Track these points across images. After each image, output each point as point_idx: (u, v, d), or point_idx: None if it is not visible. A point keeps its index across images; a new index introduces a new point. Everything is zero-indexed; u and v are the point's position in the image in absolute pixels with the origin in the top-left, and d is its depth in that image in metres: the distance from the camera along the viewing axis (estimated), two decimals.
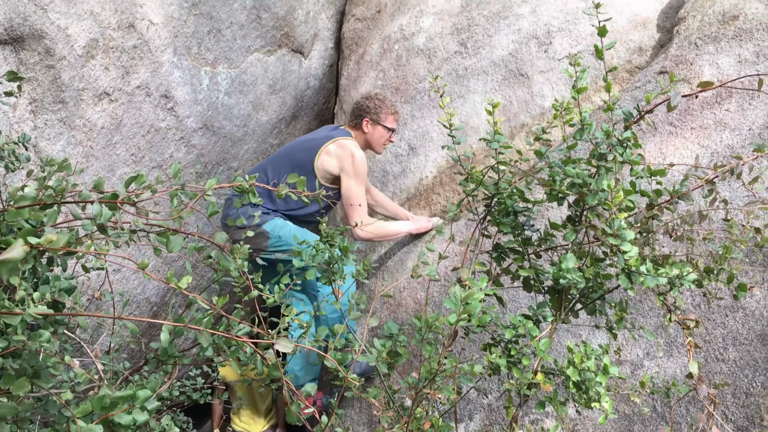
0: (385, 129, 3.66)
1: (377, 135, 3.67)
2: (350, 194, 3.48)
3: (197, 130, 3.96)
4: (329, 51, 5.22)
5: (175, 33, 3.68)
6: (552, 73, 3.73)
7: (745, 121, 2.74)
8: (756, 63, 2.84)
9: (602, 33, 2.13)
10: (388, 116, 3.67)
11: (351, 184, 3.48)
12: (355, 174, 3.48)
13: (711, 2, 3.18)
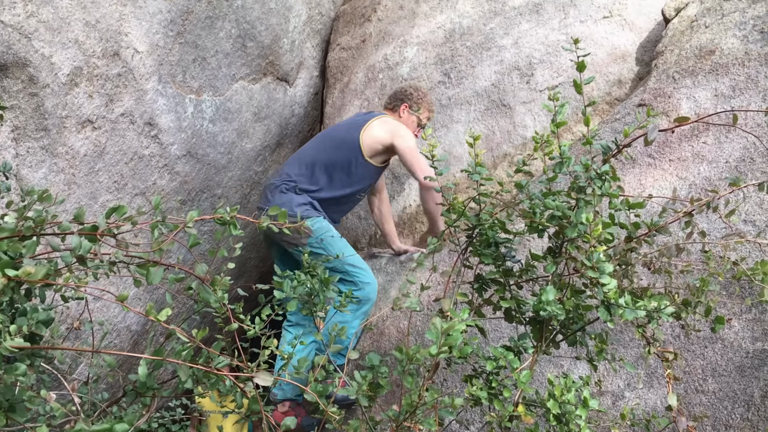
0: (418, 120, 3.73)
1: (410, 123, 3.72)
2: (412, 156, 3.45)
3: (181, 158, 3.96)
4: (314, 79, 5.26)
5: (160, 61, 3.70)
6: (534, 103, 3.78)
7: (722, 153, 2.78)
8: (732, 97, 2.90)
9: (581, 68, 2.17)
10: (426, 111, 3.74)
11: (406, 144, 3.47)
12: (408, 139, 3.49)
13: (688, 37, 3.25)
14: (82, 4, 3.15)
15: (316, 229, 3.43)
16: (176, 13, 3.74)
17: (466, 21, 4.37)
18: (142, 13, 3.54)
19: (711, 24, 3.19)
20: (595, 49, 3.72)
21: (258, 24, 4.39)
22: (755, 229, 2.52)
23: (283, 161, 5.07)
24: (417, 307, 2.04)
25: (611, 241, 2.05)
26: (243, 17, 4.24)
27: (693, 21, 3.29)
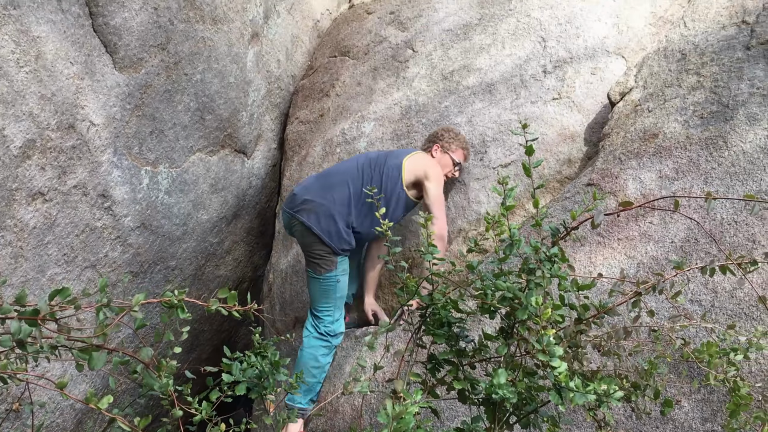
0: (451, 159, 3.79)
1: (443, 163, 3.79)
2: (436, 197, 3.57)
3: (134, 230, 3.91)
4: (272, 151, 5.30)
5: (117, 133, 3.69)
6: (487, 180, 3.86)
7: (667, 234, 2.87)
8: (676, 179, 3.01)
9: (529, 152, 2.23)
10: (458, 149, 3.82)
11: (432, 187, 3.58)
12: (436, 178, 3.59)
13: (633, 120, 3.39)
14: (39, 78, 3.15)
15: (341, 268, 3.58)
16: (134, 87, 3.76)
17: (421, 98, 4.49)
18: (99, 87, 3.55)
19: (654, 109, 3.34)
20: (546, 129, 3.84)
21: (217, 97, 4.44)
22: (701, 309, 2.57)
23: (240, 232, 5.05)
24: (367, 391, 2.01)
25: (562, 322, 2.07)
26: (202, 91, 4.28)
27: (637, 105, 3.44)
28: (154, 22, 3.79)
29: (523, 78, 4.17)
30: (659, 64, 3.52)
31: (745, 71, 3.12)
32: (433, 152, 3.81)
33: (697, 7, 3.64)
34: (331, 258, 3.54)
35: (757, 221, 2.67)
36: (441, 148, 3.80)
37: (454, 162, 3.79)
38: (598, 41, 4.08)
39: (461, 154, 3.83)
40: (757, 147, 2.87)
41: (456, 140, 3.80)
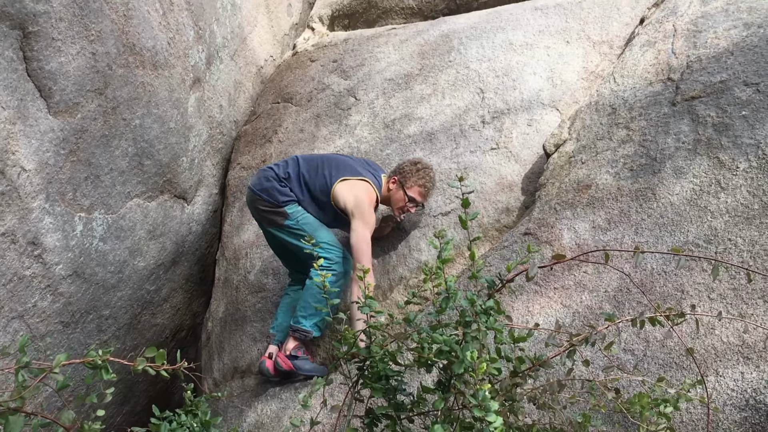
0: (405, 195, 3.68)
1: (396, 197, 3.72)
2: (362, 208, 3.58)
3: (66, 278, 3.78)
4: (213, 197, 5.24)
5: (49, 179, 3.59)
6: (428, 228, 3.89)
7: (601, 283, 2.93)
8: (608, 229, 3.10)
9: (465, 204, 2.27)
10: (415, 186, 3.69)
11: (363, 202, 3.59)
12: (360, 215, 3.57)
13: (567, 171, 3.49)
14: None
15: (291, 213, 3.66)
16: (70, 132, 3.68)
17: (363, 146, 4.52)
18: (32, 132, 3.46)
19: (587, 160, 3.44)
20: (485, 178, 3.91)
21: (156, 143, 4.38)
22: (634, 359, 2.62)
23: (179, 279, 4.94)
24: None
25: (499, 374, 2.08)
26: (141, 136, 4.22)
27: (571, 157, 3.54)
28: (92, 67, 3.74)
29: (462, 128, 4.25)
30: (591, 118, 3.64)
31: (671, 126, 3.26)
32: (390, 184, 3.77)
33: (626, 63, 3.80)
34: (278, 210, 3.69)
35: (685, 272, 2.76)
36: (397, 182, 3.74)
37: (411, 200, 3.70)
38: (533, 94, 4.21)
39: (416, 191, 3.70)
40: (684, 199, 2.98)
41: (415, 176, 3.69)
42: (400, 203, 3.71)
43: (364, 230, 3.55)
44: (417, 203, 3.72)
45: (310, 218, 3.71)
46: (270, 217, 3.73)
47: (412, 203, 3.70)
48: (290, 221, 3.68)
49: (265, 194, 3.72)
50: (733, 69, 3.28)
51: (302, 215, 3.70)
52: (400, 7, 6.26)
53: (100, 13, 3.72)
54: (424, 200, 3.75)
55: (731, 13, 3.59)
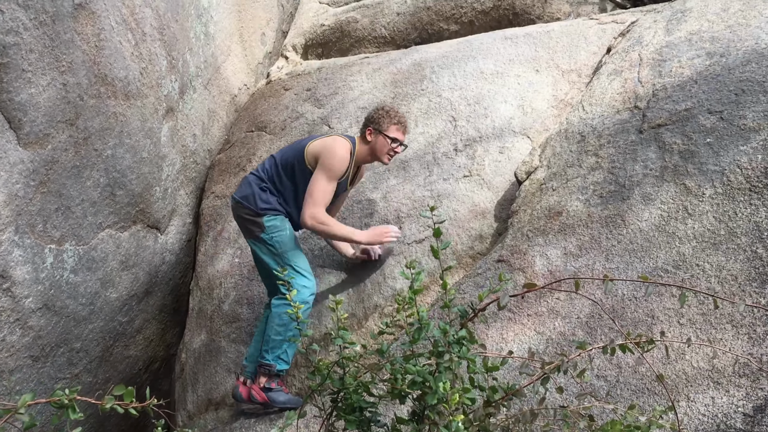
0: (386, 138, 3.68)
1: (379, 144, 3.70)
2: (314, 186, 3.60)
3: (36, 311, 3.72)
4: (187, 226, 5.21)
5: (19, 211, 3.55)
6: (402, 256, 3.90)
7: (573, 309, 2.96)
8: (579, 255, 3.13)
9: (437, 234, 2.28)
10: (391, 126, 3.70)
11: (318, 177, 3.59)
12: (326, 168, 3.58)
13: (538, 198, 3.53)
14: None
15: (268, 226, 3.65)
16: (39, 163, 3.65)
17: None
18: (1, 164, 3.42)
19: (557, 187, 3.49)
20: (458, 206, 3.94)
21: (129, 173, 4.35)
22: (607, 385, 2.64)
23: (152, 310, 4.89)
24: None
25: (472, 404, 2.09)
26: (113, 166, 4.19)
27: (542, 184, 3.59)
28: (63, 98, 3.72)
29: (435, 155, 4.29)
30: (561, 145, 3.70)
31: (639, 153, 3.32)
32: (368, 137, 3.75)
33: (594, 91, 3.88)
34: (256, 219, 3.67)
35: (655, 297, 2.80)
36: (373, 130, 3.73)
37: (390, 138, 3.71)
38: (505, 122, 4.27)
39: (395, 130, 3.72)
40: (653, 225, 3.03)
41: (387, 117, 3.73)
42: (385, 148, 3.73)
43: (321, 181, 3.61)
44: (400, 141, 3.76)
45: (285, 237, 3.69)
46: (249, 226, 3.72)
47: (396, 143, 3.74)
48: (265, 235, 3.67)
49: (245, 201, 3.72)
50: (698, 97, 3.36)
51: (278, 232, 3.68)
52: (372, 36, 6.33)
53: (71, 44, 3.72)
54: (404, 136, 3.80)
55: (694, 43, 3.69)
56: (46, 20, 3.52)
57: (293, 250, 3.69)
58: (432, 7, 6.10)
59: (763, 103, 3.13)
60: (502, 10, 5.79)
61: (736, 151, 3.04)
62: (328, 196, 3.63)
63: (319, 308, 3.95)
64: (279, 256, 3.65)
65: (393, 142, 3.71)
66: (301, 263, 3.68)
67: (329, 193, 3.63)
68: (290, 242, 3.70)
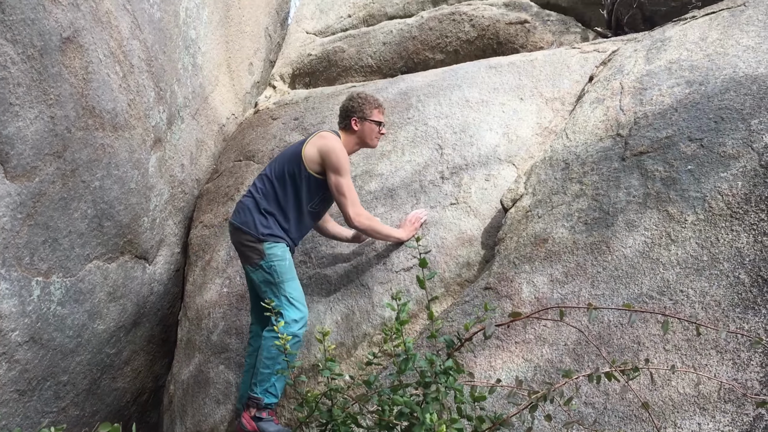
0: (373, 123, 3.83)
1: (367, 130, 3.84)
2: (338, 186, 3.70)
3: (22, 344, 3.69)
4: (176, 256, 5.20)
5: (5, 244, 3.54)
6: (391, 284, 3.92)
7: (560, 336, 2.97)
8: (565, 282, 3.16)
9: (423, 264, 2.31)
10: (373, 110, 3.85)
11: (336, 178, 3.69)
12: (339, 169, 3.68)
13: (524, 226, 3.56)
14: None
15: (269, 254, 3.66)
16: (27, 196, 3.65)
17: None
18: None
19: (543, 215, 3.52)
20: (445, 233, 3.97)
21: (117, 204, 4.35)
22: (595, 412, 2.65)
23: (140, 341, 4.86)
24: None
25: None
26: (101, 197, 4.20)
27: (528, 211, 3.62)
28: (50, 131, 3.73)
29: (422, 183, 4.33)
30: (546, 173, 3.75)
31: (622, 180, 3.37)
32: (354, 126, 3.86)
33: (577, 120, 3.94)
34: (256, 246, 3.67)
35: (641, 323, 2.82)
36: (359, 119, 3.86)
37: (376, 122, 3.87)
38: (490, 149, 4.32)
39: (377, 113, 3.89)
40: (637, 252, 3.06)
41: (367, 103, 3.87)
42: (373, 132, 3.89)
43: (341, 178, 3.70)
44: (383, 122, 3.93)
45: (284, 266, 3.69)
46: (248, 253, 3.73)
47: (381, 125, 3.92)
48: (264, 262, 3.67)
49: (245, 226, 3.74)
50: (678, 125, 3.42)
51: (277, 261, 3.68)
52: (359, 66, 6.40)
53: (58, 77, 3.74)
54: (384, 116, 3.99)
55: (674, 72, 3.76)
56: (34, 54, 3.55)
57: (291, 280, 3.69)
58: (417, 36, 6.18)
59: (742, 130, 3.19)
60: (486, 39, 5.88)
61: (717, 177, 3.09)
62: (355, 191, 3.77)
63: (309, 337, 3.94)
64: (275, 285, 3.65)
65: (378, 125, 3.90)
66: (296, 294, 3.68)
67: (354, 189, 3.77)
68: (289, 272, 3.70)
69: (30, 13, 3.48)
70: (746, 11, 3.95)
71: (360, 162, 4.69)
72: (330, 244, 4.30)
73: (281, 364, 3.52)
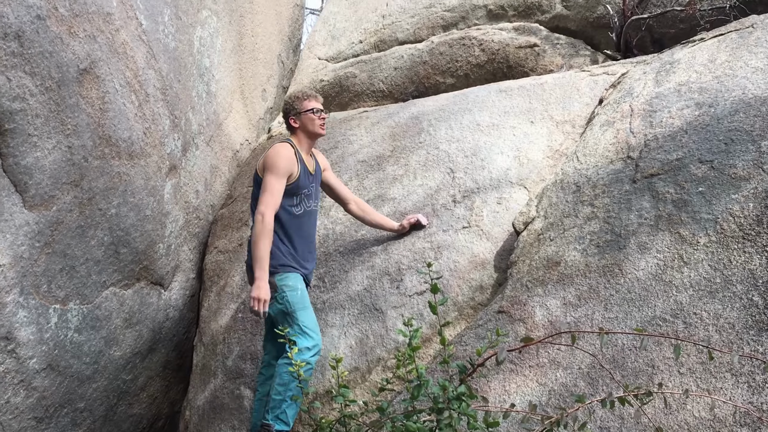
0: (308, 113, 3.91)
1: (307, 122, 3.92)
2: (264, 183, 3.78)
3: (40, 372, 3.74)
4: (191, 281, 5.24)
5: (24, 273, 3.60)
6: (404, 308, 3.93)
7: (574, 360, 2.97)
8: (578, 305, 3.16)
9: (434, 290, 2.32)
10: (303, 102, 3.94)
11: (266, 176, 3.78)
12: (272, 168, 3.76)
13: (536, 249, 3.57)
14: None
15: (281, 285, 3.70)
16: (45, 224, 3.71)
17: (339, 227, 4.60)
18: (7, 227, 3.48)
19: (555, 238, 3.53)
20: (458, 257, 3.98)
21: (132, 231, 4.41)
22: None
23: (156, 367, 4.89)
24: None
25: None
26: (117, 225, 4.26)
27: (540, 234, 3.63)
28: (68, 160, 3.80)
29: (434, 207, 4.35)
30: (557, 195, 3.76)
31: (633, 203, 3.37)
32: (293, 124, 3.97)
33: (587, 142, 3.96)
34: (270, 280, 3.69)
35: (655, 347, 2.81)
36: (294, 117, 3.97)
37: (312, 111, 3.94)
38: (501, 173, 4.34)
39: (309, 102, 3.97)
40: (649, 274, 3.06)
41: (297, 100, 3.98)
42: (312, 122, 3.94)
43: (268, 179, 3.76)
44: (318, 109, 3.98)
45: (296, 296, 3.72)
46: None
47: (317, 111, 3.97)
48: (277, 294, 3.70)
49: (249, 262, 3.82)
50: (688, 147, 3.43)
51: (290, 291, 3.71)
52: (371, 91, 6.47)
53: (76, 107, 3.82)
54: (319, 103, 4.03)
55: (683, 94, 3.78)
56: (52, 86, 3.63)
57: (303, 309, 3.71)
58: (428, 61, 6.25)
59: (752, 151, 3.20)
60: (497, 63, 5.93)
61: (728, 199, 3.09)
62: (280, 196, 3.77)
63: (322, 362, 3.95)
64: (288, 314, 3.68)
65: (315, 112, 3.96)
66: (308, 322, 3.70)
67: (280, 193, 3.77)
68: (301, 301, 3.73)
69: (48, 46, 3.56)
70: (754, 33, 3.97)
71: (372, 186, 4.73)
72: (343, 268, 4.32)
73: (293, 390, 3.54)
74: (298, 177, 3.84)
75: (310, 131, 3.97)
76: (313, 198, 3.98)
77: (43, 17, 3.49)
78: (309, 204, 3.95)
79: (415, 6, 6.71)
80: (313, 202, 3.99)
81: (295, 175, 3.84)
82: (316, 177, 4.02)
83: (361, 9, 7.20)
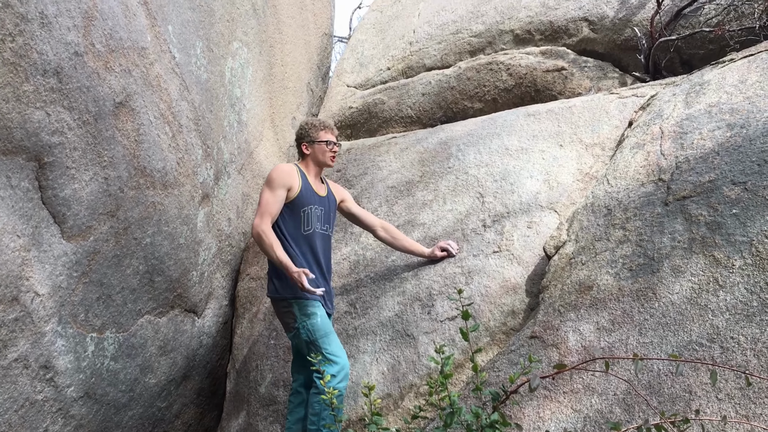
0: (321, 144, 4.01)
1: (318, 152, 4.06)
2: (260, 195, 3.95)
3: (78, 400, 3.79)
4: (224, 308, 5.30)
5: (62, 302, 3.67)
6: (436, 333, 3.92)
7: (609, 386, 2.93)
8: (612, 330, 3.12)
9: (465, 316, 2.32)
10: (319, 132, 4.04)
11: (263, 189, 3.94)
12: (267, 182, 3.93)
13: (568, 273, 3.55)
14: None
15: (301, 315, 3.78)
16: (82, 255, 3.80)
17: (369, 253, 4.62)
18: (46, 257, 3.57)
19: (587, 261, 3.51)
20: (489, 281, 3.97)
21: (167, 259, 4.48)
22: None
23: (190, 394, 4.93)
24: None
25: None
26: (152, 253, 4.33)
27: (571, 258, 3.61)
28: (104, 191, 3.90)
29: (464, 232, 4.35)
30: (588, 219, 3.74)
31: (666, 225, 3.34)
32: (305, 151, 4.08)
33: (618, 165, 3.94)
34: (288, 310, 3.82)
35: (691, 372, 2.76)
36: (307, 144, 4.07)
37: (326, 143, 4.03)
38: (531, 197, 4.34)
39: (325, 133, 4.07)
40: (684, 298, 3.02)
41: (313, 128, 4.07)
42: (324, 152, 4.06)
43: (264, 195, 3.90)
44: (332, 142, 4.08)
45: (317, 324, 3.77)
46: (285, 319, 3.87)
47: (330, 144, 4.06)
48: (298, 323, 3.78)
49: (274, 294, 3.91)
50: (721, 169, 3.40)
51: (310, 320, 3.77)
52: (399, 117, 6.52)
53: (112, 140, 3.92)
54: (334, 135, 4.14)
55: (714, 115, 3.75)
56: (89, 119, 3.73)
57: (325, 336, 3.75)
58: (456, 86, 6.29)
59: None
60: (524, 87, 5.95)
61: (763, 221, 3.04)
62: (273, 207, 3.88)
63: (355, 389, 3.95)
64: (311, 343, 3.73)
65: (328, 144, 4.06)
66: (331, 348, 3.73)
67: (273, 204, 3.88)
68: (322, 328, 3.77)
69: (85, 81, 3.67)
70: None
71: (402, 212, 4.75)
72: (374, 294, 4.33)
73: (327, 419, 3.55)
74: (300, 192, 3.94)
75: (320, 161, 4.09)
76: (324, 221, 4.03)
77: (81, 53, 3.60)
78: (318, 226, 4.00)
79: (442, 32, 6.77)
80: (324, 225, 4.05)
81: (296, 189, 3.94)
82: (327, 201, 4.10)
83: (389, 36, 7.29)
